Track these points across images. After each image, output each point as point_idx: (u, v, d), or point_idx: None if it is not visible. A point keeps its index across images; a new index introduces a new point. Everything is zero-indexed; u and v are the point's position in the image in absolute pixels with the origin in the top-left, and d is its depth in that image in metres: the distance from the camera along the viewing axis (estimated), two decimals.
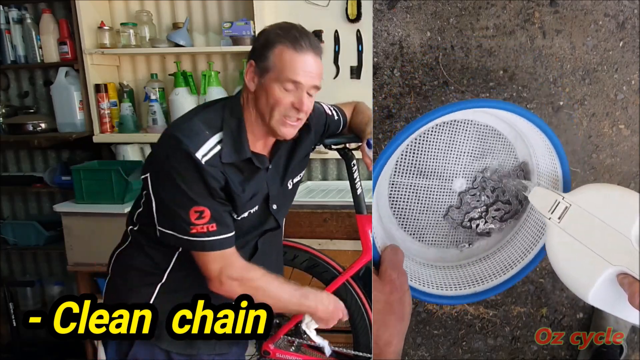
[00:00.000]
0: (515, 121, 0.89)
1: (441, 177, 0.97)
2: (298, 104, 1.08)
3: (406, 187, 0.96)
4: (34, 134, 2.37)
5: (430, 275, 0.93)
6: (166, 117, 2.36)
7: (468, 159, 0.97)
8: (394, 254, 0.75)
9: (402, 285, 0.72)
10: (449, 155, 0.96)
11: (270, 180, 1.20)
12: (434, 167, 0.96)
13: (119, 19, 2.39)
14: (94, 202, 2.14)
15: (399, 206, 0.97)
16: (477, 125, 0.95)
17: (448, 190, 0.98)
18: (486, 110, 0.88)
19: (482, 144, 0.97)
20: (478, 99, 1.09)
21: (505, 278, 0.91)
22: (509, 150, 0.98)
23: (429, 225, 0.99)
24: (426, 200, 0.98)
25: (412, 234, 0.99)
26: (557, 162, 0.87)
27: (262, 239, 1.25)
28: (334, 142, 1.41)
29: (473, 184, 0.98)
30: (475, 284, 0.91)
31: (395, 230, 0.97)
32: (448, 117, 0.91)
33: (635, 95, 1.19)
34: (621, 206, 0.70)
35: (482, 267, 0.96)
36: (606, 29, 1.15)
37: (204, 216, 1.06)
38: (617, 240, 0.67)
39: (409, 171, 0.96)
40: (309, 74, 1.07)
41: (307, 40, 1.07)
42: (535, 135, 0.87)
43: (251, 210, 1.17)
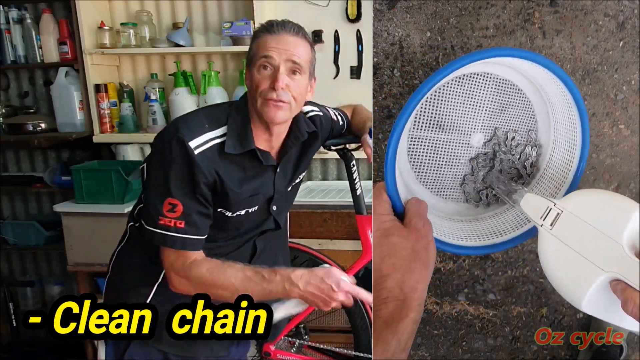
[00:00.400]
0: (534, 74, 0.88)
1: (459, 131, 0.96)
2: (273, 81, 1.07)
3: (425, 140, 0.95)
4: (34, 134, 2.37)
5: (449, 227, 0.93)
6: (166, 117, 2.36)
7: (486, 113, 0.96)
8: (418, 204, 0.76)
9: (427, 234, 0.73)
10: (468, 109, 0.95)
11: (278, 182, 1.20)
12: (452, 121, 0.95)
13: (119, 19, 2.39)
14: (94, 202, 2.14)
15: (418, 160, 0.96)
16: (496, 79, 0.94)
17: (466, 144, 0.97)
18: (506, 62, 0.86)
19: (500, 98, 0.95)
20: (494, 48, 1.07)
21: (520, 232, 0.91)
22: (527, 107, 0.97)
23: (446, 180, 0.98)
24: (444, 155, 0.97)
25: (430, 188, 0.98)
26: (576, 114, 0.85)
27: (260, 239, 1.25)
28: (334, 143, 1.41)
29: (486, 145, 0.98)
30: (492, 236, 0.92)
31: (413, 184, 0.97)
32: (466, 69, 0.89)
33: (635, 95, 1.19)
34: (613, 212, 0.69)
35: (499, 221, 0.96)
36: (606, 29, 1.15)
37: (176, 210, 1.05)
38: (609, 246, 0.67)
39: (428, 125, 0.94)
40: (282, 50, 1.08)
41: (281, 24, 1.10)
42: (555, 89, 0.86)
43: (249, 209, 1.16)
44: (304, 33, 1.13)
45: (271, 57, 1.07)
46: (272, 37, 1.08)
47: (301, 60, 1.10)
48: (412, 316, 0.66)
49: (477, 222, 0.97)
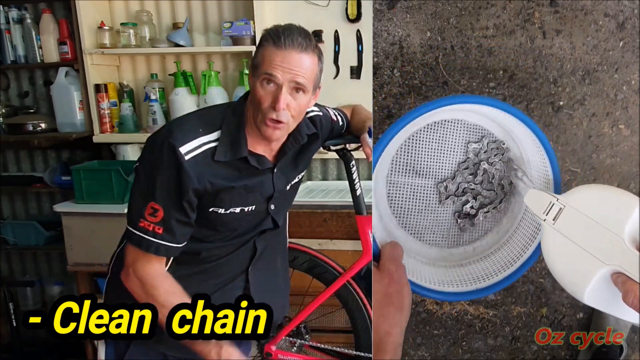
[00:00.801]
0: (503, 120, 0.90)
1: (435, 177, 0.98)
2: (274, 101, 1.05)
3: (403, 186, 0.97)
4: (34, 134, 2.37)
5: (432, 273, 0.94)
6: (166, 117, 2.36)
7: (460, 158, 0.98)
8: (393, 248, 0.78)
9: (400, 278, 0.74)
10: (442, 154, 0.97)
11: (278, 182, 1.19)
12: (428, 166, 0.97)
13: (119, 19, 2.39)
14: (94, 202, 2.14)
15: (398, 205, 0.98)
16: (467, 125, 0.96)
17: (443, 189, 0.99)
18: (474, 108, 0.88)
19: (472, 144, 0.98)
20: (461, 95, 1.10)
21: (505, 274, 0.92)
22: (499, 150, 0.99)
23: (427, 225, 1.00)
24: (423, 200, 0.99)
25: (412, 234, 0.99)
26: (547, 160, 0.88)
27: (260, 239, 1.25)
28: (333, 143, 1.41)
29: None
30: (476, 281, 0.93)
31: (395, 229, 0.98)
32: (437, 116, 0.92)
33: (635, 95, 1.19)
34: (614, 206, 0.70)
35: (483, 265, 0.97)
36: (606, 29, 1.15)
37: (157, 215, 1.05)
38: (611, 239, 0.68)
39: (404, 170, 0.97)
40: (287, 69, 1.04)
41: (289, 37, 1.05)
42: (524, 134, 0.88)
43: (245, 208, 1.15)
44: (312, 46, 1.08)
45: (275, 76, 1.04)
46: (278, 53, 1.04)
47: (306, 79, 1.07)
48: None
49: (461, 268, 0.98)
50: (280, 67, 1.04)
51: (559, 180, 0.89)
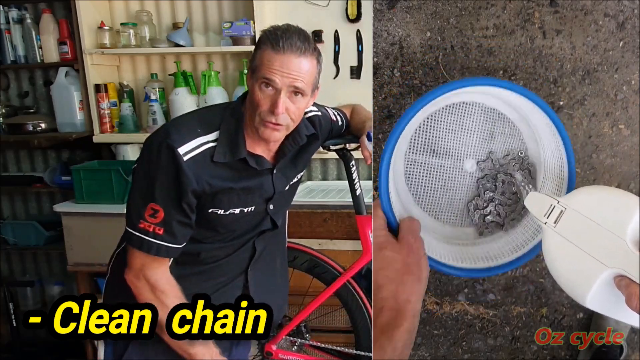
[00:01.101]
0: (520, 106, 0.90)
1: (452, 157, 0.99)
2: (273, 105, 1.05)
3: (421, 164, 0.98)
4: (34, 134, 2.38)
5: (445, 249, 0.95)
6: (166, 117, 2.36)
7: (477, 140, 0.99)
8: (411, 222, 0.80)
9: (418, 250, 0.76)
10: (459, 136, 0.98)
11: (278, 183, 1.19)
12: (445, 146, 0.98)
13: (119, 19, 2.39)
14: (94, 202, 2.14)
15: (415, 183, 0.99)
16: (484, 108, 0.97)
17: (459, 169, 1.00)
18: (492, 92, 0.88)
19: (489, 126, 0.98)
20: (481, 77, 1.10)
21: (517, 255, 0.92)
22: (515, 134, 1.00)
23: (443, 204, 1.01)
24: (440, 179, 1.00)
25: (428, 211, 1.01)
26: (562, 146, 0.88)
27: (259, 240, 1.25)
28: (333, 143, 1.41)
29: (483, 169, 1.00)
30: (488, 260, 0.94)
31: (412, 206, 0.99)
32: (456, 97, 0.93)
33: (635, 95, 1.19)
34: (615, 208, 0.70)
35: (496, 245, 0.97)
36: (606, 29, 1.15)
37: (157, 216, 1.05)
38: (613, 242, 0.67)
39: (422, 149, 0.98)
40: (286, 74, 1.04)
41: (288, 41, 1.04)
42: (541, 120, 0.88)
43: (244, 208, 1.15)
44: (311, 48, 1.07)
45: (274, 81, 1.04)
46: (277, 57, 1.03)
47: (305, 83, 1.07)
48: (405, 325, 0.69)
49: (474, 247, 0.98)
50: (279, 71, 1.04)
51: (574, 168, 0.89)
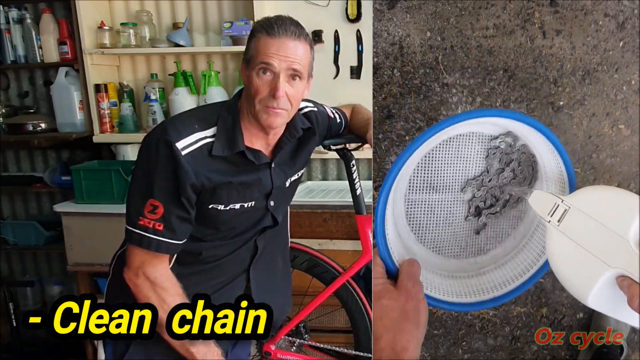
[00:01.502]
0: (515, 127, 0.90)
1: (453, 190, 0.99)
2: (273, 89, 1.06)
3: (421, 202, 0.98)
4: (34, 134, 2.37)
5: (451, 285, 0.95)
6: (166, 117, 2.36)
7: (476, 170, 0.99)
8: (410, 265, 0.79)
9: (417, 295, 0.75)
10: (458, 168, 0.98)
11: (276, 177, 1.19)
12: (445, 181, 0.98)
13: (119, 19, 2.39)
14: (94, 202, 2.14)
15: (417, 222, 0.99)
16: (481, 137, 0.97)
17: (460, 201, 1.00)
18: (488, 120, 0.88)
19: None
20: (474, 111, 1.11)
21: (523, 280, 0.92)
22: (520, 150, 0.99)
23: (446, 238, 1.00)
24: (441, 214, 0.99)
25: (432, 248, 1.00)
26: (561, 162, 0.88)
27: (261, 238, 1.25)
28: (333, 143, 1.41)
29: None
30: (495, 289, 0.93)
31: (414, 245, 0.99)
32: (453, 131, 0.93)
33: (635, 95, 1.19)
34: (619, 208, 0.69)
35: (501, 272, 0.97)
36: (606, 29, 1.15)
37: (157, 212, 1.05)
38: (616, 242, 0.67)
39: (422, 187, 0.97)
40: (283, 57, 1.06)
41: (282, 26, 1.07)
42: (538, 139, 0.88)
43: (245, 204, 1.15)
44: (304, 34, 1.11)
45: (272, 64, 1.06)
46: (273, 42, 1.06)
47: (301, 66, 1.09)
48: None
49: (479, 277, 0.97)
50: (276, 55, 1.06)
51: (574, 179, 0.88)
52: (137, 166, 1.10)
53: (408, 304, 0.73)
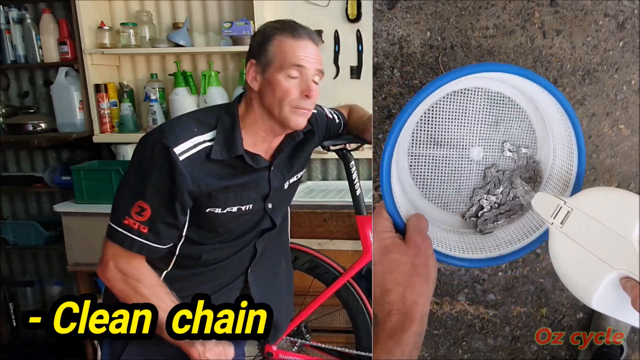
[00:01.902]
0: (525, 86, 0.89)
1: (458, 146, 0.98)
2: (307, 90, 1.08)
3: (425, 157, 0.97)
4: (34, 134, 2.38)
5: (456, 240, 0.94)
6: (166, 117, 2.36)
7: (482, 126, 0.97)
8: (418, 221, 0.78)
9: (426, 250, 0.74)
10: (463, 124, 0.96)
11: (274, 180, 1.19)
12: (449, 136, 0.96)
13: (119, 19, 2.39)
14: (94, 202, 2.14)
15: (421, 177, 0.98)
16: (488, 93, 0.95)
17: (466, 158, 0.99)
18: (496, 76, 0.87)
19: (495, 111, 0.97)
20: (483, 64, 1.09)
21: (529, 240, 0.91)
22: (522, 117, 0.98)
23: (451, 194, 1.00)
24: (446, 170, 0.98)
25: (436, 203, 0.99)
26: (570, 125, 0.86)
27: (260, 241, 1.25)
28: (333, 143, 1.41)
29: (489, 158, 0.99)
30: (500, 247, 0.92)
31: (419, 200, 0.98)
32: (457, 85, 0.91)
33: (635, 95, 1.19)
34: (622, 209, 0.69)
35: (507, 231, 0.96)
36: (606, 29, 1.15)
37: (144, 215, 1.05)
38: (619, 243, 0.67)
39: (426, 142, 0.96)
40: (311, 59, 1.09)
41: (303, 29, 1.11)
42: (549, 102, 0.87)
43: (242, 207, 1.15)
44: (319, 40, 1.15)
45: (305, 67, 1.08)
46: (299, 43, 1.09)
47: (322, 67, 1.13)
48: (414, 328, 0.68)
49: (485, 234, 0.97)
50: (305, 57, 1.09)
51: (584, 151, 0.88)
52: (131, 165, 1.09)
53: (418, 258, 0.73)
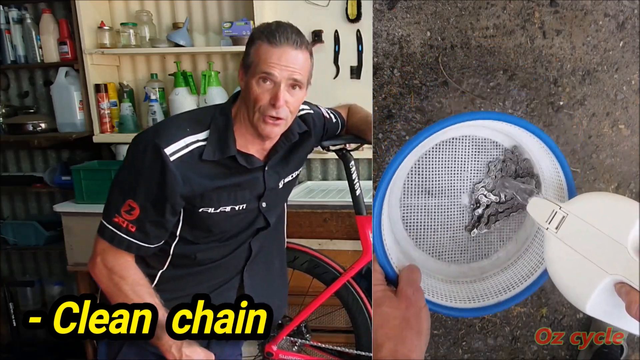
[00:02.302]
0: (510, 131, 0.90)
1: (449, 195, 0.98)
2: (274, 99, 1.06)
3: (417, 208, 0.97)
4: (34, 134, 2.37)
5: (454, 290, 0.93)
6: (166, 117, 2.36)
7: (472, 173, 0.98)
8: (411, 272, 0.77)
9: (418, 301, 0.73)
10: (453, 172, 0.97)
11: (269, 179, 1.19)
12: (440, 185, 0.97)
13: (119, 19, 2.39)
14: (94, 202, 2.13)
15: (414, 227, 0.98)
16: (475, 140, 0.96)
17: (458, 206, 0.99)
18: (481, 123, 0.88)
19: (483, 157, 0.98)
20: (466, 113, 1.11)
21: (527, 284, 0.91)
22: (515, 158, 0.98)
23: (446, 243, 0.99)
24: (438, 219, 0.98)
25: (431, 253, 0.99)
26: (558, 165, 0.87)
27: (255, 240, 1.24)
28: (332, 144, 1.41)
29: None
30: (498, 294, 0.92)
31: (412, 250, 0.97)
32: (445, 135, 0.92)
33: (635, 95, 1.19)
34: (617, 214, 0.69)
35: (504, 277, 0.96)
36: (606, 29, 1.15)
37: (132, 214, 1.06)
38: (614, 248, 0.67)
39: (417, 192, 0.96)
40: (284, 67, 1.05)
41: (283, 35, 1.05)
42: (533, 142, 0.87)
43: (236, 206, 1.15)
44: (305, 42, 1.09)
45: (273, 74, 1.05)
46: (274, 50, 1.05)
47: (302, 75, 1.08)
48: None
49: (482, 282, 0.97)
50: (277, 65, 1.05)
51: (573, 184, 0.88)
52: (124, 163, 1.11)
53: (409, 311, 0.72)
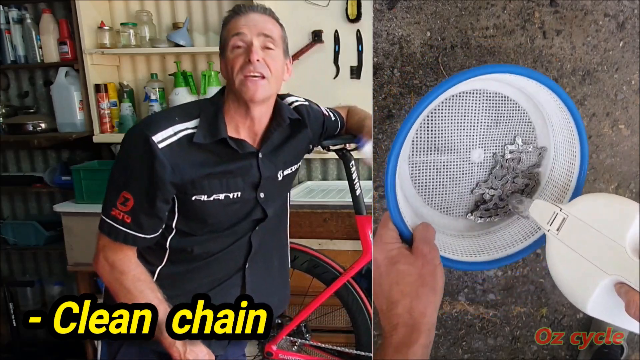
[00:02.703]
0: (524, 85, 0.89)
1: (458, 150, 0.98)
2: (247, 55, 1.09)
3: (426, 164, 0.97)
4: (34, 134, 2.38)
5: (461, 244, 0.94)
6: None
7: (482, 128, 0.97)
8: (425, 230, 0.78)
9: (433, 259, 0.74)
10: (462, 127, 0.96)
11: (264, 168, 1.19)
12: (449, 141, 0.96)
13: (119, 19, 2.39)
14: (94, 202, 2.14)
15: (423, 184, 0.98)
16: (486, 94, 0.95)
17: (467, 162, 0.99)
18: (495, 77, 0.87)
19: (494, 112, 0.97)
20: (482, 67, 1.10)
21: (535, 238, 0.91)
22: (522, 116, 0.98)
23: (454, 199, 1.00)
24: (448, 175, 0.98)
25: (439, 209, 0.99)
26: (571, 120, 0.86)
27: (255, 235, 1.23)
28: (332, 143, 1.41)
29: (492, 162, 0.98)
30: (505, 247, 0.93)
31: (422, 207, 0.98)
32: (455, 89, 0.91)
33: (635, 95, 1.19)
34: (616, 215, 0.70)
35: (512, 230, 0.96)
36: (606, 29, 1.15)
37: (127, 205, 1.08)
38: (613, 249, 0.67)
39: (426, 149, 0.96)
40: (252, 27, 1.10)
41: (248, 7, 1.13)
42: (549, 99, 0.87)
43: (230, 194, 1.15)
44: (273, 14, 1.15)
45: (243, 33, 1.09)
46: (241, 17, 1.11)
47: (273, 34, 1.12)
48: (421, 341, 0.67)
49: (489, 235, 0.97)
50: (245, 26, 1.10)
51: (586, 146, 0.87)
52: (117, 157, 1.13)
53: (425, 268, 0.72)
